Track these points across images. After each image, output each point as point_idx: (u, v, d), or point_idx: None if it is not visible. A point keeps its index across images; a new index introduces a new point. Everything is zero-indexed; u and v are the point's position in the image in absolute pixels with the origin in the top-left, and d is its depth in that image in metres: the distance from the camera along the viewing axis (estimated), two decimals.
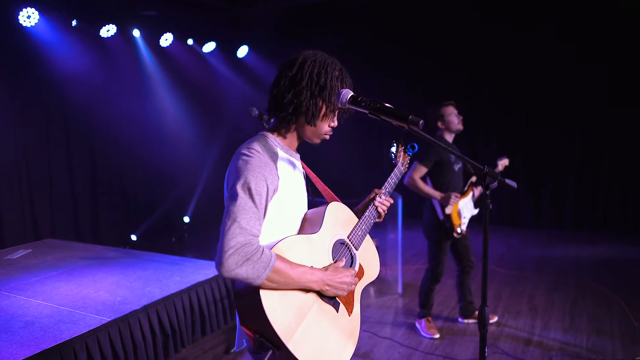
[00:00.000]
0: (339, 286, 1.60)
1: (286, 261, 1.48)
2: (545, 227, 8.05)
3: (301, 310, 1.53)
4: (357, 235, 1.81)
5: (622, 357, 3.55)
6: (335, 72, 1.60)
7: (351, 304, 1.72)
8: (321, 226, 1.66)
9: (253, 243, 1.41)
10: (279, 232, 1.60)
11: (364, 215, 1.86)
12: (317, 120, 1.61)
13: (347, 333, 1.68)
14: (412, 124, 1.32)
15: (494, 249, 6.75)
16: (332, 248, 1.70)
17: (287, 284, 1.47)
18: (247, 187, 1.46)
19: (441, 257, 3.93)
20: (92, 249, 5.21)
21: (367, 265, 1.83)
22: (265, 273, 1.40)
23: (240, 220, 1.41)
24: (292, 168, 1.67)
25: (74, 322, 3.17)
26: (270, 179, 1.51)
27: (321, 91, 1.57)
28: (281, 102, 1.59)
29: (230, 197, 1.47)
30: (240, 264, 1.37)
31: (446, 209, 3.80)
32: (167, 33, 6.91)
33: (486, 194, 1.77)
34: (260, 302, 1.43)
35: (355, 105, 1.48)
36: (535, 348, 3.71)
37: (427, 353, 3.69)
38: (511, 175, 8.02)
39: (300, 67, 1.58)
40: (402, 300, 4.83)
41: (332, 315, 1.64)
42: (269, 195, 1.51)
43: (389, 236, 5.80)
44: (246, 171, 1.48)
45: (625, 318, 4.23)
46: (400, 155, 2.09)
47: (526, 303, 4.66)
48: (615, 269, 5.68)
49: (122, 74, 6.80)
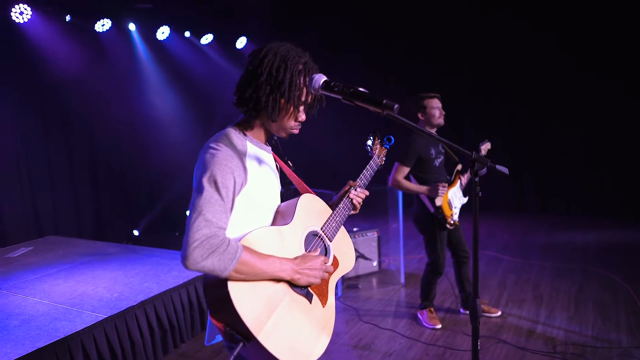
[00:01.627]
0: (310, 273, 1.58)
1: (254, 252, 1.46)
2: (551, 213, 7.95)
3: (272, 301, 1.50)
4: (331, 226, 1.79)
5: (628, 344, 3.47)
6: (298, 66, 1.56)
7: (325, 295, 1.70)
8: (293, 218, 1.64)
9: (219, 235, 1.39)
10: (250, 225, 1.58)
11: (338, 207, 1.84)
12: (278, 116, 1.58)
13: (321, 324, 1.65)
14: (387, 108, 1.25)
15: (498, 236, 6.68)
16: (305, 240, 1.69)
17: (255, 275, 1.45)
18: (213, 180, 1.44)
19: (440, 250, 3.85)
20: (93, 245, 5.20)
21: (341, 257, 1.82)
22: (232, 265, 1.39)
23: (206, 213, 1.39)
24: (262, 161, 1.64)
25: (70, 320, 3.15)
26: (237, 172, 1.49)
27: (280, 86, 1.54)
28: (242, 97, 1.57)
29: (196, 191, 1.44)
30: (205, 256, 1.35)
31: (436, 201, 3.72)
32: (164, 26, 6.84)
33: (475, 182, 1.71)
34: (229, 294, 1.41)
35: (328, 91, 1.42)
36: (539, 337, 3.65)
37: (429, 344, 3.63)
38: (517, 161, 7.99)
39: (261, 60, 1.55)
40: (405, 291, 4.78)
41: (305, 306, 1.62)
42: (236, 188, 1.49)
43: (391, 226, 5.74)
44: (212, 164, 1.46)
45: (633, 305, 4.14)
46: (377, 147, 2.06)
47: (531, 291, 4.59)
48: (623, 255, 5.58)
49: (119, 69, 6.75)
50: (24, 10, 5.24)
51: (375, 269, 5.22)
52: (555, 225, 7.19)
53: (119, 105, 6.80)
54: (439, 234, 3.82)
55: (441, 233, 3.83)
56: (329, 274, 1.70)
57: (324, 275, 1.64)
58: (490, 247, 6.08)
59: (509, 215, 8.01)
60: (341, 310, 4.34)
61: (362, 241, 5.11)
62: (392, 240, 5.88)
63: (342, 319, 4.15)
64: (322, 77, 1.47)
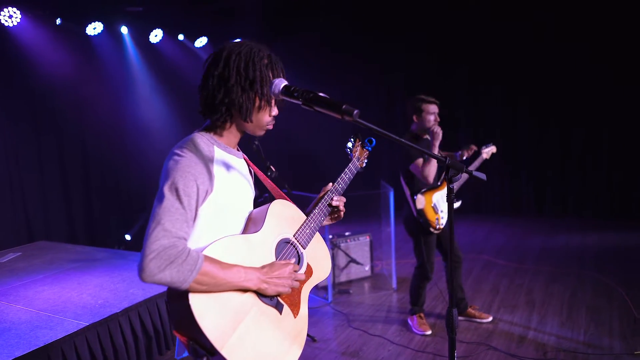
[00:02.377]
0: (278, 282, 1.52)
1: (216, 262, 1.40)
2: (549, 215, 7.88)
3: (238, 313, 1.44)
4: (305, 233, 1.72)
5: (620, 351, 3.41)
6: (263, 61, 1.51)
7: (297, 306, 1.64)
8: (263, 225, 1.58)
9: (178, 245, 1.33)
10: (219, 233, 1.52)
11: (313, 213, 1.77)
12: (254, 115, 1.53)
13: (291, 336, 1.59)
14: (345, 113, 1.21)
15: (494, 239, 6.62)
16: (276, 247, 1.62)
17: (218, 286, 1.39)
18: (174, 187, 1.39)
19: (427, 254, 3.78)
20: (82, 250, 5.15)
21: (316, 265, 1.75)
22: (191, 276, 1.33)
23: (165, 222, 1.34)
24: (231, 167, 1.58)
25: (52, 328, 3.10)
26: (201, 179, 1.43)
27: (252, 85, 1.49)
28: (213, 104, 1.52)
29: (157, 199, 1.39)
30: (163, 268, 1.29)
31: (417, 204, 3.66)
32: (157, 29, 6.81)
33: (450, 189, 1.65)
34: (190, 307, 1.35)
35: (288, 96, 1.37)
36: (530, 344, 3.59)
37: (418, 350, 3.58)
38: (513, 163, 7.93)
39: (226, 62, 1.49)
40: (397, 296, 4.72)
41: (275, 317, 1.56)
42: (199, 196, 1.43)
43: (384, 230, 5.68)
44: (175, 172, 1.41)
45: (626, 309, 4.08)
46: (357, 149, 1.98)
47: (523, 296, 4.53)
48: (620, 258, 5.51)
49: (111, 73, 6.72)
50: (13, 13, 5.22)
51: (368, 274, 5.17)
52: (552, 228, 7.12)
53: (111, 109, 6.76)
54: (426, 237, 3.76)
55: (428, 237, 3.76)
56: (300, 282, 1.64)
57: (294, 284, 1.57)
58: (486, 251, 6.02)
59: (506, 218, 7.95)
60: (331, 316, 4.28)
61: (354, 245, 5.06)
62: (384, 244, 5.83)
63: (331, 325, 4.10)
64: (283, 81, 1.43)
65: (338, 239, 4.99)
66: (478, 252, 6.02)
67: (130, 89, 7.02)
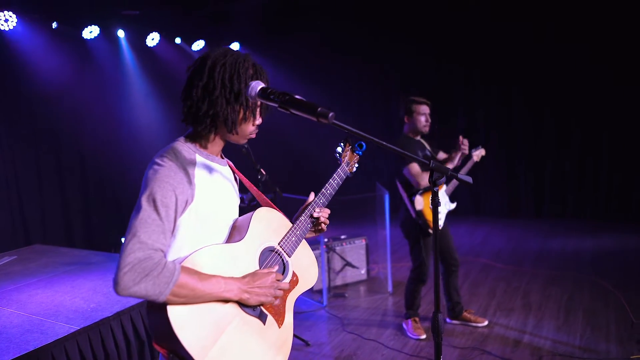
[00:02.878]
0: (260, 292, 1.49)
1: (195, 273, 1.37)
2: (546, 217, 7.84)
3: (219, 324, 1.42)
4: (290, 241, 1.68)
5: (616, 355, 3.38)
6: (249, 72, 1.49)
7: (282, 315, 1.61)
8: (246, 233, 1.55)
9: (153, 257, 1.31)
10: (202, 243, 1.49)
11: (299, 220, 1.73)
12: (238, 126, 1.52)
13: (276, 346, 1.56)
14: (321, 116, 1.19)
15: (491, 242, 6.58)
16: (260, 256, 1.59)
17: (197, 298, 1.37)
18: (152, 198, 1.36)
19: (424, 257, 3.77)
20: (78, 254, 5.12)
21: (302, 273, 1.71)
22: (167, 289, 1.30)
23: (141, 234, 1.31)
24: (214, 174, 1.56)
25: (43, 332, 3.08)
26: (180, 189, 1.40)
27: (237, 97, 1.47)
28: (197, 115, 1.49)
29: (135, 210, 1.36)
30: (137, 281, 1.27)
31: (416, 205, 3.64)
32: (153, 32, 6.81)
33: (434, 192, 1.64)
34: (168, 319, 1.32)
35: (265, 99, 1.35)
36: (525, 348, 3.56)
37: (411, 355, 3.55)
38: (512, 165, 7.90)
39: (210, 73, 1.47)
40: (392, 299, 4.69)
41: (258, 328, 1.52)
42: (178, 206, 1.40)
43: (380, 233, 5.66)
44: (153, 182, 1.38)
45: (624, 313, 4.05)
46: (347, 154, 1.94)
47: (520, 299, 4.50)
48: (617, 261, 5.47)
49: (108, 76, 6.72)
50: (9, 17, 5.22)
51: (364, 277, 5.14)
52: (550, 231, 7.08)
53: (108, 113, 6.75)
54: (423, 240, 3.74)
55: (425, 239, 3.75)
56: (285, 291, 1.61)
57: (277, 293, 1.54)
58: (484, 254, 5.99)
59: (504, 220, 7.91)
60: (325, 320, 4.26)
61: (350, 249, 5.04)
62: (380, 247, 5.80)
63: (326, 329, 4.07)
64: (259, 84, 1.41)
65: (334, 242, 4.97)
66: (476, 254, 5.99)
67: (127, 93, 7.02)
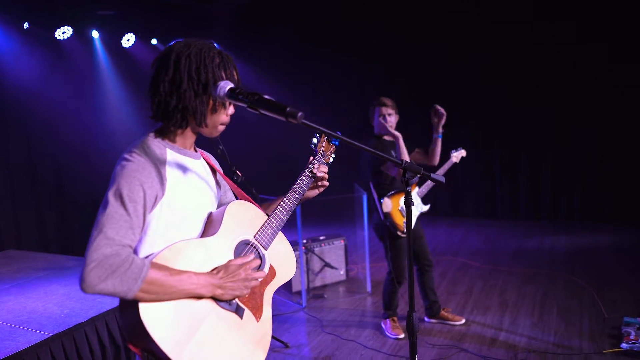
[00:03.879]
0: (234, 285, 1.46)
1: (165, 269, 1.34)
2: (523, 219, 7.96)
3: (194, 321, 1.39)
4: (266, 233, 1.65)
5: (588, 350, 3.45)
6: (215, 60, 1.47)
7: (259, 309, 1.59)
8: (220, 227, 1.53)
9: (121, 254, 1.28)
10: (175, 237, 1.46)
11: (274, 212, 1.70)
12: (208, 118, 1.50)
13: (254, 341, 1.55)
14: (290, 116, 1.19)
15: (469, 242, 6.66)
16: (235, 250, 1.56)
17: (168, 294, 1.34)
18: (119, 193, 1.34)
19: (398, 259, 3.79)
20: (52, 259, 5.03)
21: (279, 266, 1.69)
22: (136, 285, 1.27)
23: (107, 230, 1.29)
24: (186, 169, 1.54)
25: (14, 339, 3.01)
26: (148, 184, 1.38)
27: (205, 88, 1.45)
28: (167, 110, 1.47)
29: (101, 206, 1.34)
30: (104, 278, 1.24)
31: (384, 207, 3.66)
32: (129, 33, 6.72)
33: (407, 191, 1.65)
34: (140, 317, 1.30)
35: (234, 99, 1.35)
36: (501, 345, 3.61)
37: (390, 354, 3.57)
38: (488, 166, 7.99)
39: (176, 66, 1.44)
40: (371, 299, 4.71)
41: (235, 323, 1.50)
42: (147, 201, 1.38)
43: (358, 234, 5.68)
44: (120, 177, 1.37)
45: (596, 309, 4.13)
46: (323, 145, 1.90)
47: (497, 297, 4.56)
48: (590, 260, 5.59)
49: (82, 77, 6.61)
50: None
51: (343, 278, 5.15)
52: (525, 231, 7.19)
53: (83, 115, 6.64)
54: (396, 242, 3.76)
55: (398, 241, 3.76)
56: (261, 283, 1.59)
57: (252, 284, 1.51)
58: (461, 254, 6.06)
59: (481, 221, 8.00)
60: (304, 322, 4.25)
61: (328, 249, 5.04)
62: (359, 248, 5.82)
63: (305, 330, 4.07)
64: (228, 83, 1.40)
65: (312, 243, 4.97)
66: (454, 254, 6.06)
67: (101, 94, 6.91)
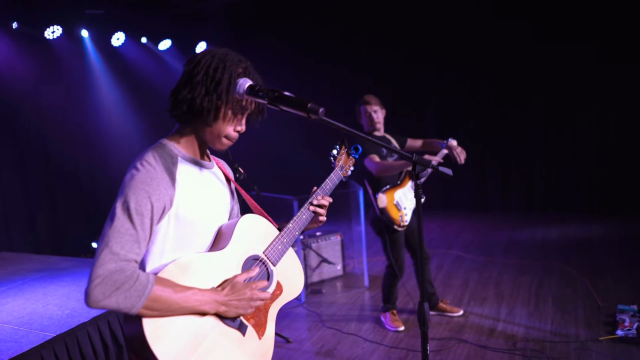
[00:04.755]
0: (239, 304, 1.44)
1: (169, 286, 1.33)
2: (514, 210, 8.06)
3: (196, 337, 1.38)
4: (276, 249, 1.63)
5: (585, 338, 3.53)
6: (237, 69, 1.45)
7: (263, 326, 1.57)
8: (229, 241, 1.50)
9: (125, 270, 1.27)
10: (183, 249, 1.45)
11: (287, 227, 1.68)
12: (215, 119, 1.46)
13: (256, 358, 1.53)
14: (311, 112, 1.21)
15: (463, 235, 6.73)
16: (243, 265, 1.54)
17: (171, 311, 1.33)
18: (126, 206, 1.32)
19: (396, 253, 3.83)
20: (47, 260, 4.99)
21: (286, 282, 1.67)
22: (140, 302, 1.27)
23: (113, 245, 1.28)
24: (198, 177, 1.52)
25: (17, 341, 2.99)
26: (156, 196, 1.36)
27: (217, 87, 1.42)
28: (176, 99, 1.47)
29: (109, 218, 1.33)
30: (108, 294, 1.24)
31: (379, 203, 3.70)
32: (119, 32, 6.67)
33: (417, 184, 1.68)
34: (143, 332, 1.29)
35: (254, 96, 1.36)
36: (500, 335, 3.67)
37: (391, 347, 3.61)
38: (480, 159, 8.08)
39: (198, 62, 1.46)
40: (369, 294, 4.75)
41: (236, 339, 1.49)
42: (154, 213, 1.36)
43: (354, 229, 5.72)
44: (128, 188, 1.34)
45: (590, 298, 4.22)
46: (342, 158, 1.92)
47: (493, 288, 4.63)
48: (582, 249, 5.69)
49: (73, 77, 6.54)
50: None
51: (340, 273, 5.19)
52: (517, 222, 7.29)
53: (74, 114, 6.57)
54: (393, 236, 3.80)
55: (395, 235, 3.81)
56: (267, 301, 1.57)
57: (257, 304, 1.49)
58: (456, 246, 6.12)
59: (474, 214, 8.09)
60: (304, 317, 4.28)
61: (325, 245, 5.07)
62: (356, 243, 5.86)
63: (305, 325, 4.10)
64: (247, 81, 1.40)
65: (309, 239, 5.00)
66: (448, 247, 6.12)
67: (92, 93, 6.85)
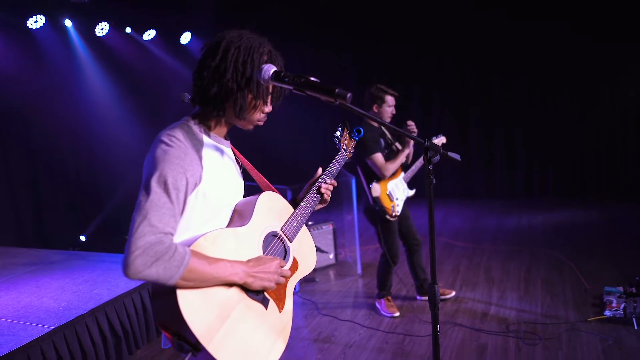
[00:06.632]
0: (264, 276, 1.50)
1: (203, 257, 1.38)
2: (499, 197, 8.21)
3: (224, 309, 1.43)
4: (292, 226, 1.71)
5: (575, 319, 3.64)
6: (263, 57, 1.47)
7: (282, 300, 1.64)
8: (251, 218, 1.56)
9: (164, 242, 1.30)
10: (205, 225, 1.50)
11: (301, 206, 1.75)
12: (246, 112, 1.51)
13: (276, 331, 1.59)
14: (339, 97, 1.23)
15: (450, 222, 6.84)
16: (263, 241, 1.60)
17: (205, 281, 1.37)
18: (162, 180, 1.34)
19: (390, 241, 3.89)
20: (36, 254, 4.93)
21: (301, 258, 1.74)
22: (178, 273, 1.30)
23: (151, 217, 1.30)
24: (220, 157, 1.56)
25: (15, 334, 2.97)
26: (190, 171, 1.40)
27: (248, 83, 1.46)
28: (206, 96, 1.48)
29: (144, 191, 1.34)
30: (149, 264, 1.26)
31: (372, 192, 3.76)
32: (103, 22, 6.55)
33: (429, 169, 1.72)
34: (177, 303, 1.32)
35: (279, 82, 1.37)
36: (493, 318, 3.76)
37: (388, 332, 3.68)
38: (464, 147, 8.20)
39: (223, 55, 1.45)
40: (362, 281, 4.81)
41: (260, 312, 1.55)
42: (188, 188, 1.40)
43: (346, 218, 5.76)
44: (164, 162, 1.36)
45: (577, 281, 4.34)
46: (345, 140, 1.97)
47: (483, 274, 4.73)
48: (567, 234, 5.85)
49: (57, 67, 6.41)
50: None
51: (332, 262, 5.23)
52: (503, 209, 7.43)
53: (59, 105, 6.45)
54: (386, 225, 3.86)
55: (389, 224, 3.86)
56: (285, 278, 1.63)
57: (280, 280, 1.56)
58: (444, 234, 6.22)
59: (459, 202, 8.22)
60: (300, 305, 4.32)
61: (317, 234, 5.10)
62: (347, 232, 5.91)
63: (301, 313, 4.13)
64: (272, 67, 1.42)
65: None
66: (437, 234, 6.21)
67: (78, 84, 6.73)
